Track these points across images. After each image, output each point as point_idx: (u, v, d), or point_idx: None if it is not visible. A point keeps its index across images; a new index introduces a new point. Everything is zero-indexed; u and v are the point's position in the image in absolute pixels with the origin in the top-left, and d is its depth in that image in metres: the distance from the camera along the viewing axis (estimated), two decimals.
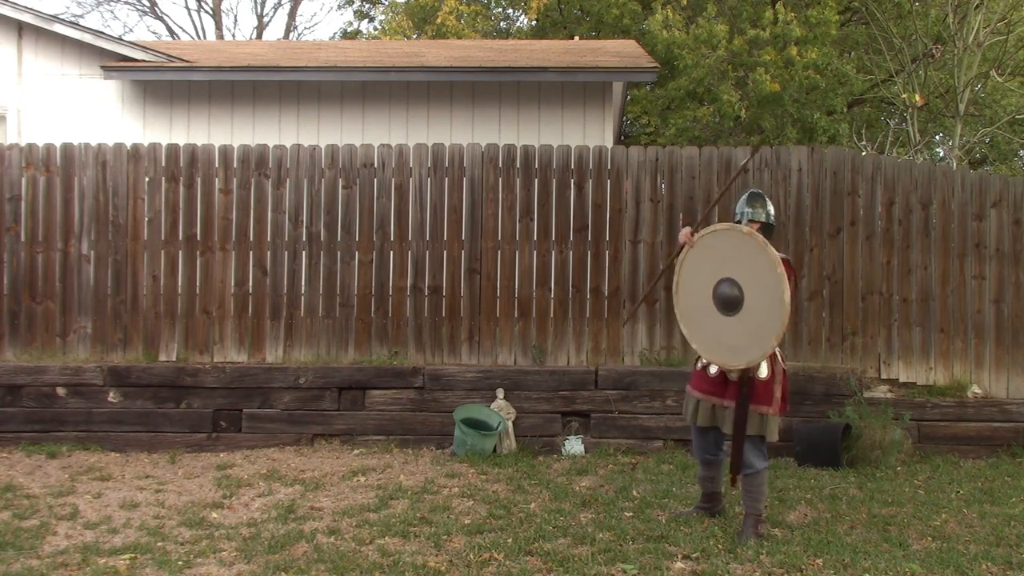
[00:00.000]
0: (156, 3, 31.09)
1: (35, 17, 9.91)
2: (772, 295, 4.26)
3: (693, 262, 4.59)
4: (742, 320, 4.37)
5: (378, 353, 7.29)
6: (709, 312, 4.48)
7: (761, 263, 4.30)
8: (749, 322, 4.36)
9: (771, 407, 4.59)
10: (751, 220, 4.75)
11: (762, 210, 4.80)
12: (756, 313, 4.33)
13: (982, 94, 16.45)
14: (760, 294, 4.31)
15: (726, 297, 4.42)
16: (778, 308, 4.25)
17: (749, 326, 4.36)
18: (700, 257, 4.57)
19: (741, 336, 4.39)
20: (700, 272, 4.54)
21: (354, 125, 9.99)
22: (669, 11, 15.32)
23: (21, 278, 7.32)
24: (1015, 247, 7.33)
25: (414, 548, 4.43)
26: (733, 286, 4.38)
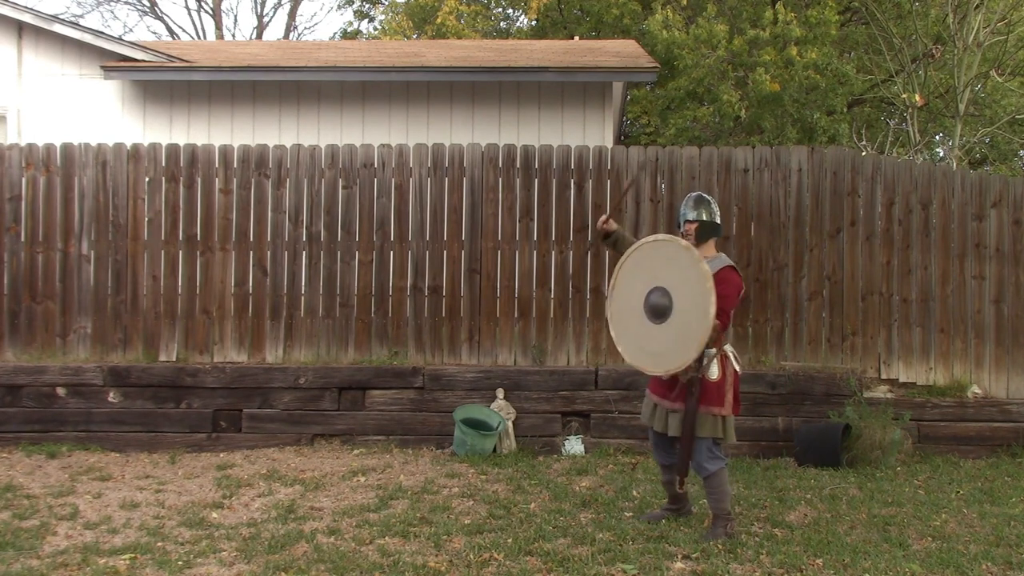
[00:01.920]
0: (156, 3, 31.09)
1: (35, 17, 9.92)
2: (699, 308, 4.33)
3: (630, 268, 4.66)
4: (666, 329, 4.45)
5: (378, 353, 7.29)
6: (638, 318, 4.55)
7: (692, 276, 4.38)
8: (672, 331, 4.44)
9: (723, 408, 4.60)
10: (687, 220, 4.77)
11: (703, 210, 4.80)
12: (681, 323, 4.41)
13: (982, 94, 16.45)
14: (688, 305, 4.38)
15: (656, 305, 4.49)
16: (702, 320, 4.31)
17: (672, 335, 4.44)
18: (638, 264, 4.64)
19: (664, 343, 4.47)
20: (636, 278, 4.61)
21: (354, 125, 9.99)
22: (669, 11, 15.32)
23: (21, 278, 7.32)
24: (1015, 247, 7.33)
25: (414, 548, 4.43)
26: (664, 295, 4.46)
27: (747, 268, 7.28)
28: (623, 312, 4.66)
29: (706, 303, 4.30)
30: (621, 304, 4.68)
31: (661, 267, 4.51)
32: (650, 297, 4.50)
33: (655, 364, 4.55)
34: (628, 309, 4.61)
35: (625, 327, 4.65)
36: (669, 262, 4.49)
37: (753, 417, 6.89)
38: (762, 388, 6.94)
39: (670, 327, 4.43)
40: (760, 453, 6.87)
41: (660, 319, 4.46)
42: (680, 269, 4.43)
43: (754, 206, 7.35)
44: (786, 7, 14.79)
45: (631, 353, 4.64)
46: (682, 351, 4.40)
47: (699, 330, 4.31)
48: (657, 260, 4.55)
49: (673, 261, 4.47)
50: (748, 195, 7.34)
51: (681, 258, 4.45)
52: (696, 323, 4.33)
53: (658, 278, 4.50)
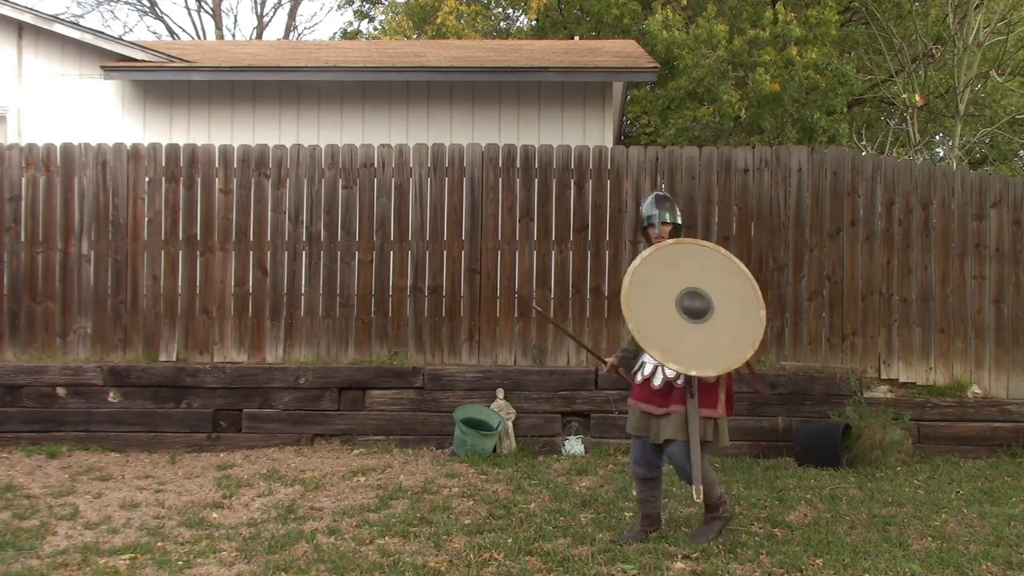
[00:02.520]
0: (156, 3, 31.09)
1: (35, 17, 9.91)
2: (747, 307, 4.39)
3: (648, 269, 4.46)
4: (712, 329, 4.36)
5: (378, 353, 7.29)
6: (673, 318, 4.38)
7: (731, 273, 4.46)
8: (720, 331, 4.35)
9: (716, 409, 4.46)
10: (664, 223, 4.70)
11: (675, 212, 4.77)
12: (726, 324, 4.35)
13: (982, 94, 16.45)
14: (734, 306, 4.38)
15: (690, 309, 4.38)
16: (754, 319, 4.36)
17: (721, 335, 4.35)
18: (657, 267, 4.47)
19: (713, 343, 4.34)
20: (658, 279, 4.44)
21: (354, 125, 9.99)
22: (669, 11, 15.32)
23: (21, 278, 7.32)
24: (1015, 247, 7.33)
25: (414, 548, 4.43)
26: (697, 298, 4.39)
27: (747, 268, 7.25)
28: (650, 309, 4.40)
29: (756, 312, 4.36)
30: (649, 307, 4.41)
31: (688, 269, 4.44)
32: (683, 301, 4.38)
33: (697, 366, 4.31)
34: (656, 306, 4.39)
35: (654, 323, 4.37)
36: (698, 264, 4.45)
37: (753, 417, 6.90)
38: None
39: (717, 328, 4.34)
40: (760, 453, 6.87)
41: (699, 319, 4.36)
42: (715, 270, 4.43)
43: (754, 206, 7.35)
44: (786, 7, 14.79)
45: (668, 353, 4.31)
46: (736, 351, 4.33)
47: (751, 331, 4.34)
48: (685, 260, 4.48)
49: (703, 262, 4.46)
50: (748, 195, 7.34)
51: (713, 259, 4.50)
52: (748, 323, 4.35)
53: (689, 279, 4.43)
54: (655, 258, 4.44)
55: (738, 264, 4.43)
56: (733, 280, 4.37)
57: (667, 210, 4.73)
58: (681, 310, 4.34)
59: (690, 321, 4.32)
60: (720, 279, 4.35)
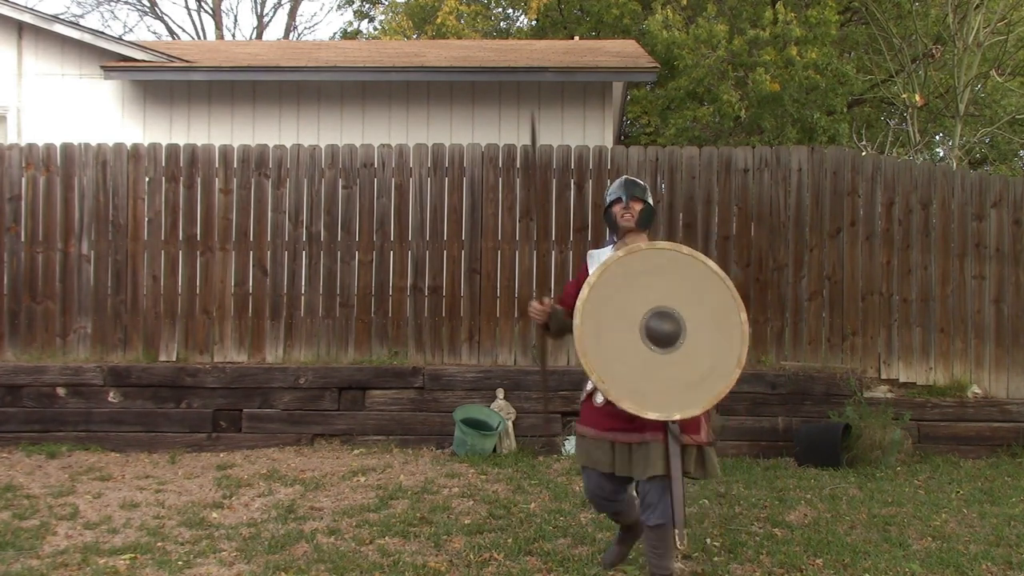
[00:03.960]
0: (156, 3, 31.08)
1: (35, 17, 9.92)
2: (726, 326, 3.53)
3: (598, 300, 3.53)
4: (685, 358, 3.48)
5: (378, 353, 7.29)
6: (639, 353, 3.48)
7: (709, 287, 3.56)
8: (694, 360, 3.48)
9: (702, 434, 3.61)
10: (634, 198, 3.83)
11: (645, 192, 3.91)
12: (703, 348, 3.49)
13: (982, 94, 16.45)
14: (709, 325, 3.52)
15: (658, 333, 3.48)
16: (735, 339, 3.52)
17: (695, 364, 3.48)
18: (610, 292, 3.54)
19: (693, 372, 3.48)
20: (614, 308, 3.53)
21: (354, 125, 9.99)
22: (669, 11, 15.32)
23: (21, 278, 7.32)
24: (1015, 247, 7.34)
25: (414, 548, 4.43)
26: (666, 319, 3.49)
27: (747, 268, 7.28)
28: (609, 346, 3.50)
29: (736, 319, 3.52)
30: (604, 336, 3.51)
31: (652, 284, 3.53)
32: (648, 324, 3.48)
33: (678, 405, 3.45)
34: (616, 341, 3.49)
35: (618, 365, 3.48)
36: (668, 275, 3.55)
37: (753, 417, 6.90)
38: (762, 388, 6.94)
39: (693, 352, 3.48)
40: (760, 453, 6.87)
41: (670, 347, 3.47)
42: (682, 279, 3.55)
43: (754, 206, 7.35)
44: (786, 7, 14.79)
45: (641, 400, 3.44)
46: (721, 375, 3.49)
47: (734, 345, 3.50)
48: (644, 276, 3.55)
49: (674, 273, 3.56)
50: (748, 195, 7.34)
51: (686, 268, 3.57)
52: (729, 336, 3.51)
53: (652, 298, 3.51)
54: (607, 280, 3.52)
55: (709, 265, 3.57)
56: (705, 287, 3.54)
57: (638, 188, 3.89)
58: (648, 339, 3.46)
59: (661, 351, 3.46)
60: (690, 290, 3.52)
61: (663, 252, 3.59)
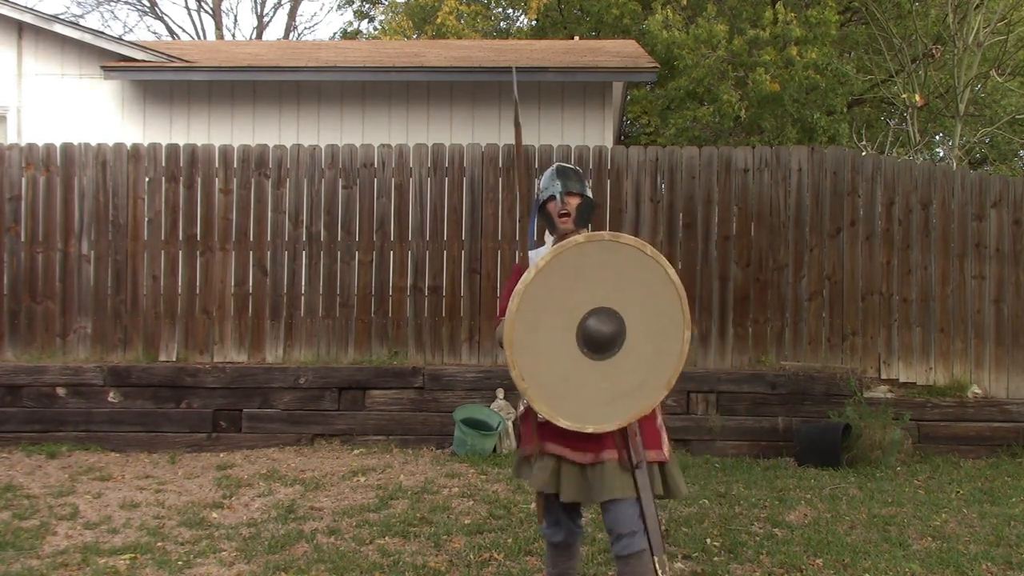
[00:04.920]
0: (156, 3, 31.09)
1: (35, 17, 9.92)
2: (667, 333, 3.14)
3: (543, 288, 3.06)
4: (617, 367, 3.09)
5: (378, 353, 7.29)
6: (569, 356, 3.07)
7: (657, 290, 3.12)
8: (627, 369, 3.10)
9: (663, 450, 3.24)
10: (570, 193, 3.40)
11: (576, 182, 3.45)
12: (640, 357, 3.11)
13: (982, 94, 16.45)
14: (648, 330, 3.12)
15: (596, 335, 3.06)
16: (675, 349, 3.13)
17: (627, 375, 3.11)
18: (557, 280, 3.07)
19: (612, 388, 3.10)
20: (556, 301, 3.07)
21: (354, 125, 9.99)
22: (669, 11, 15.32)
23: (21, 278, 7.32)
24: (1015, 247, 7.34)
25: (414, 548, 4.43)
26: (609, 320, 3.07)
27: (747, 268, 7.28)
28: (541, 352, 3.08)
29: (680, 326, 3.13)
30: (535, 340, 3.07)
31: (603, 279, 3.09)
32: (587, 323, 3.05)
33: (604, 416, 3.10)
34: (549, 338, 3.07)
35: (543, 365, 3.08)
36: (622, 272, 3.11)
37: (753, 417, 6.90)
38: (762, 388, 6.94)
39: (627, 363, 3.09)
40: (760, 453, 6.87)
41: (604, 354, 3.07)
42: (636, 282, 3.10)
43: (754, 206, 7.35)
44: (786, 7, 14.79)
45: (557, 405, 3.08)
46: (645, 394, 3.13)
47: (668, 363, 3.14)
48: (595, 270, 3.09)
49: (629, 271, 3.11)
50: (748, 195, 7.34)
51: (644, 269, 3.10)
52: (666, 353, 3.13)
53: (599, 296, 3.08)
54: (552, 268, 3.04)
55: (668, 272, 3.10)
56: (658, 294, 3.11)
57: (573, 180, 3.45)
58: (583, 342, 3.05)
59: (592, 357, 3.06)
60: (642, 293, 3.10)
61: (624, 248, 3.09)
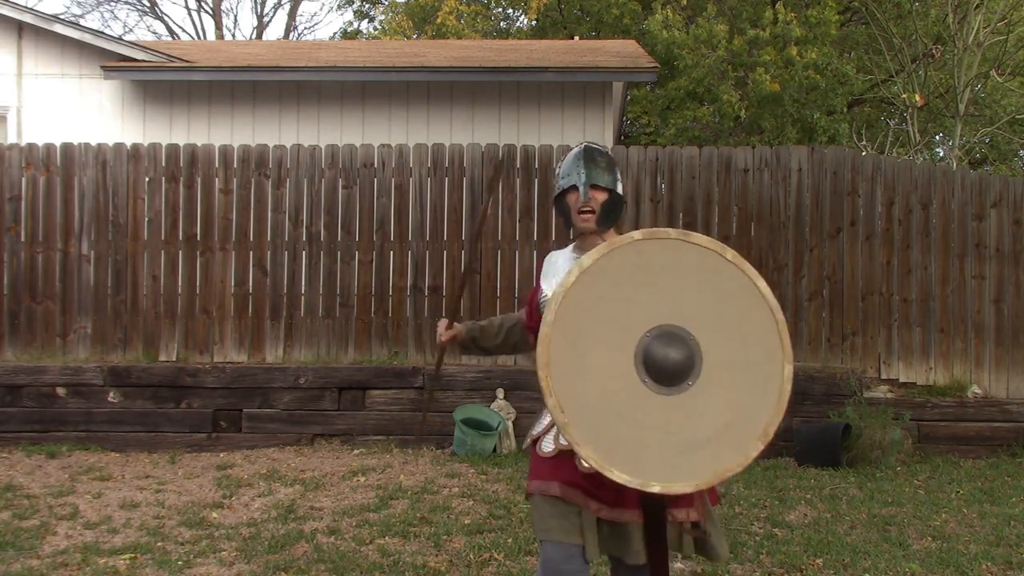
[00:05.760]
0: (156, 3, 31.08)
1: (35, 17, 9.92)
2: (762, 360, 2.39)
3: (590, 294, 2.33)
4: (695, 402, 2.32)
5: (378, 353, 7.29)
6: (626, 385, 2.30)
7: (743, 304, 2.37)
8: (710, 407, 2.33)
9: (693, 508, 2.60)
10: (595, 186, 2.70)
11: (606, 173, 2.72)
12: (725, 390, 2.34)
13: (982, 94, 16.44)
14: (737, 356, 2.36)
15: (664, 362, 2.30)
16: (769, 383, 2.39)
17: (711, 414, 2.33)
18: (608, 286, 2.33)
19: (694, 430, 2.32)
20: (607, 312, 2.32)
21: (354, 125, 9.99)
22: (669, 11, 15.32)
23: (21, 278, 7.32)
24: (1015, 247, 7.33)
25: (414, 548, 4.43)
26: (676, 343, 2.31)
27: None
28: (585, 364, 2.31)
29: (777, 357, 2.41)
30: (582, 347, 2.32)
31: (668, 289, 2.34)
32: (650, 345, 2.30)
33: (675, 470, 2.31)
34: (598, 360, 2.31)
35: (590, 395, 2.30)
36: (694, 283, 2.35)
37: None
38: None
39: (704, 398, 2.32)
40: (760, 453, 6.86)
41: (672, 386, 2.30)
42: (713, 295, 2.35)
43: (754, 206, 7.35)
44: (786, 7, 14.78)
45: (609, 452, 2.28)
46: (733, 443, 2.36)
47: (765, 407, 2.38)
48: (658, 276, 2.34)
49: (703, 282, 2.35)
50: (748, 195, 7.34)
51: (723, 279, 2.35)
52: (760, 391, 2.38)
53: (663, 310, 2.32)
54: (602, 269, 2.33)
55: (757, 284, 2.37)
56: (744, 313, 2.36)
57: (600, 169, 2.72)
58: (644, 367, 2.30)
59: (658, 388, 2.30)
60: (721, 310, 2.35)
61: (695, 250, 2.33)
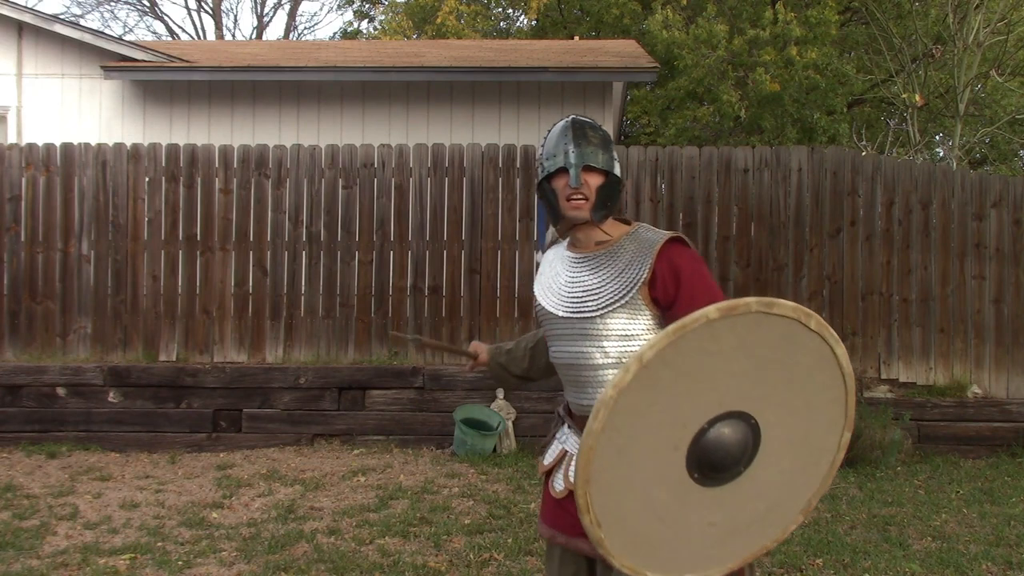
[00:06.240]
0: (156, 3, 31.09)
1: (35, 17, 9.92)
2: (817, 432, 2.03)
3: (649, 394, 1.84)
4: (744, 489, 2.00)
5: (378, 353, 7.29)
6: (672, 486, 1.95)
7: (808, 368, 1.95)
8: (759, 492, 2.03)
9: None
10: (588, 167, 2.24)
11: (600, 151, 2.27)
12: (778, 472, 2.04)
13: (982, 94, 16.44)
14: (792, 434, 2.01)
15: (723, 452, 1.93)
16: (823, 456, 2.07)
17: (758, 498, 2.04)
18: (670, 381, 1.85)
19: (738, 518, 2.03)
20: (665, 411, 1.89)
21: (354, 125, 9.99)
22: (669, 11, 15.31)
23: (21, 278, 7.32)
24: (1015, 247, 7.33)
25: (414, 548, 4.43)
26: (739, 427, 1.94)
27: (747, 268, 7.28)
28: (631, 471, 1.92)
29: (838, 427, 2.03)
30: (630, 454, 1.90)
31: (738, 372, 1.91)
32: (707, 436, 1.91)
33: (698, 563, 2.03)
34: (646, 464, 1.92)
35: (631, 503, 1.95)
36: (760, 358, 1.90)
37: None
38: None
39: (750, 487, 2.00)
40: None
41: (722, 477, 1.96)
42: (785, 369, 1.93)
43: (754, 206, 7.35)
44: (786, 7, 14.79)
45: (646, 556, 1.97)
46: (765, 527, 2.08)
47: (812, 481, 2.09)
48: (730, 359, 1.89)
49: (771, 354, 1.90)
50: (748, 195, 7.34)
51: (800, 352, 1.91)
52: (812, 466, 2.07)
53: (729, 397, 1.92)
54: (666, 362, 1.82)
55: (833, 348, 1.93)
56: (814, 379, 1.97)
57: (593, 147, 2.26)
58: (695, 463, 1.93)
59: (704, 483, 1.96)
60: (789, 381, 1.96)
61: (778, 323, 1.87)
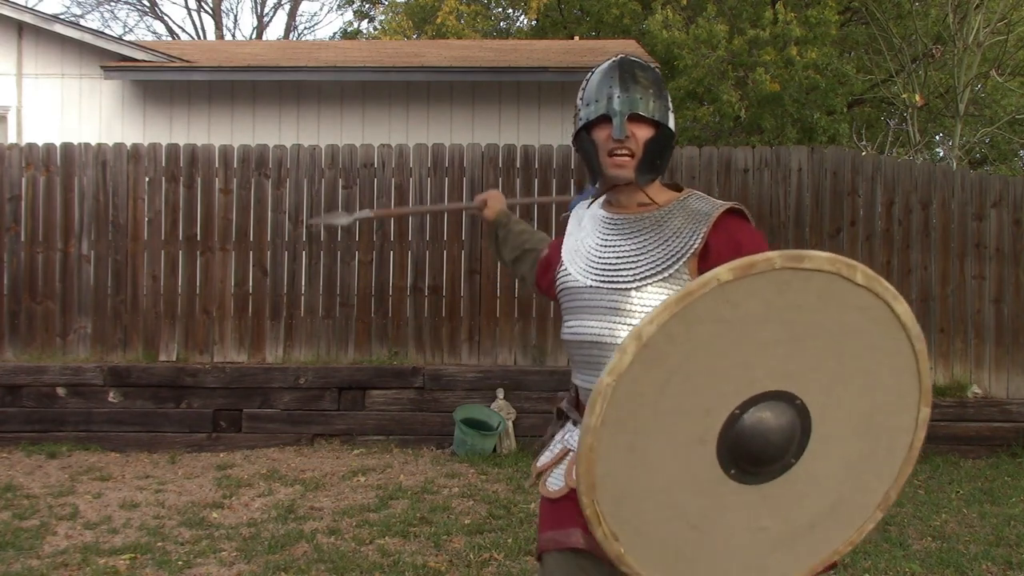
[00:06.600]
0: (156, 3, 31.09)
1: (35, 17, 9.92)
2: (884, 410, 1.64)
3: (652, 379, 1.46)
4: (796, 485, 1.63)
5: (378, 353, 7.29)
6: (702, 486, 1.57)
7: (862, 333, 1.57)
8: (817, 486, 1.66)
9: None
10: (637, 116, 2.01)
11: (652, 98, 2.03)
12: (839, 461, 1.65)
13: (982, 94, 16.45)
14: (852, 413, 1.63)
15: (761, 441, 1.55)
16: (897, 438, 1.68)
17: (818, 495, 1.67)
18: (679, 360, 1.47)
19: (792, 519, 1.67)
20: (680, 396, 1.49)
21: (354, 125, 9.99)
22: (669, 11, 15.32)
23: (21, 278, 7.32)
24: (1015, 247, 7.33)
25: (414, 548, 4.43)
26: (780, 410, 1.55)
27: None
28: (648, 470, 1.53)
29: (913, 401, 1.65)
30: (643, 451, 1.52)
31: (769, 343, 1.51)
32: (741, 423, 1.53)
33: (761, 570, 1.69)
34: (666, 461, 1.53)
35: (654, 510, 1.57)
36: (796, 326, 1.51)
37: None
38: None
39: (803, 482, 1.63)
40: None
41: (765, 472, 1.59)
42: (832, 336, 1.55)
43: (754, 206, 7.35)
44: (786, 7, 14.79)
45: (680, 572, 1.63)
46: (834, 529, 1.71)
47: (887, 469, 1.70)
48: (756, 328, 1.50)
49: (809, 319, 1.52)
50: (748, 195, 7.34)
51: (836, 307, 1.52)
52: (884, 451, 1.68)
53: (760, 373, 1.52)
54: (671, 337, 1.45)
55: (891, 305, 1.53)
56: (871, 344, 1.57)
57: (645, 90, 2.03)
58: (729, 456, 1.55)
59: (744, 479, 1.58)
60: (837, 350, 1.56)
61: (814, 278, 1.50)
